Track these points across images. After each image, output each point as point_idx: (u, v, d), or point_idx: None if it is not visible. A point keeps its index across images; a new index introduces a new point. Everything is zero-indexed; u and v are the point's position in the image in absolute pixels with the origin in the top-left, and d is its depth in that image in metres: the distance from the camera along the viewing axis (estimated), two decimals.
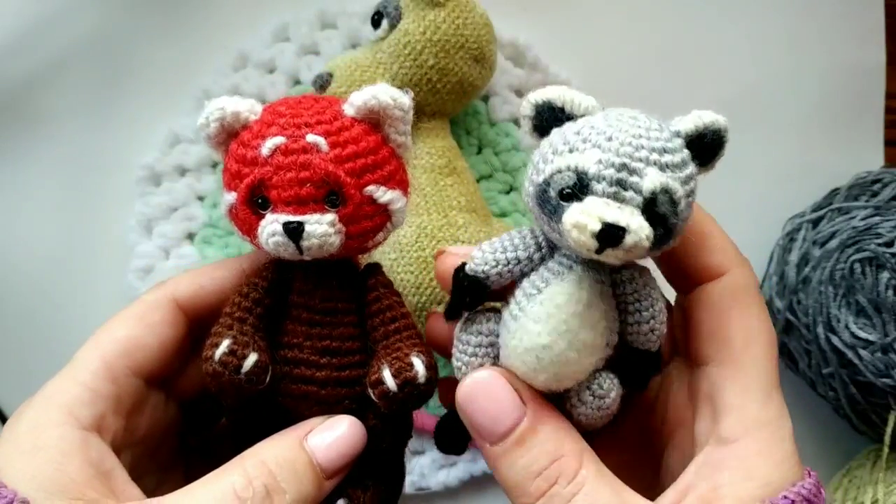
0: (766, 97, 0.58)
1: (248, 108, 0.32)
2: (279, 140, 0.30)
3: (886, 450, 0.52)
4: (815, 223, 0.55)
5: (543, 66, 0.56)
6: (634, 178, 0.27)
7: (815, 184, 0.58)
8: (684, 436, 0.33)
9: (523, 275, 0.31)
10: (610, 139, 0.28)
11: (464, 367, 0.32)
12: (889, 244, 0.51)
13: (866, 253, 0.51)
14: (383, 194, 0.31)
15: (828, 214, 0.55)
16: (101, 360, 0.31)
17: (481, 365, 0.31)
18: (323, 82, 0.49)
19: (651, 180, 0.27)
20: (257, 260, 0.34)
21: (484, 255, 0.31)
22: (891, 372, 0.49)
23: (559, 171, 0.28)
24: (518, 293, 0.30)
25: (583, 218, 0.26)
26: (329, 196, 0.30)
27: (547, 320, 0.28)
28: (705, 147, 0.30)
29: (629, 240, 0.26)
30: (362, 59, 0.50)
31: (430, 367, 0.31)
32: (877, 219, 0.52)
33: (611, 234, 0.26)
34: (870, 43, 0.58)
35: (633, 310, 0.31)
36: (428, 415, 0.56)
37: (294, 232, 0.30)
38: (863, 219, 0.53)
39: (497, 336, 0.31)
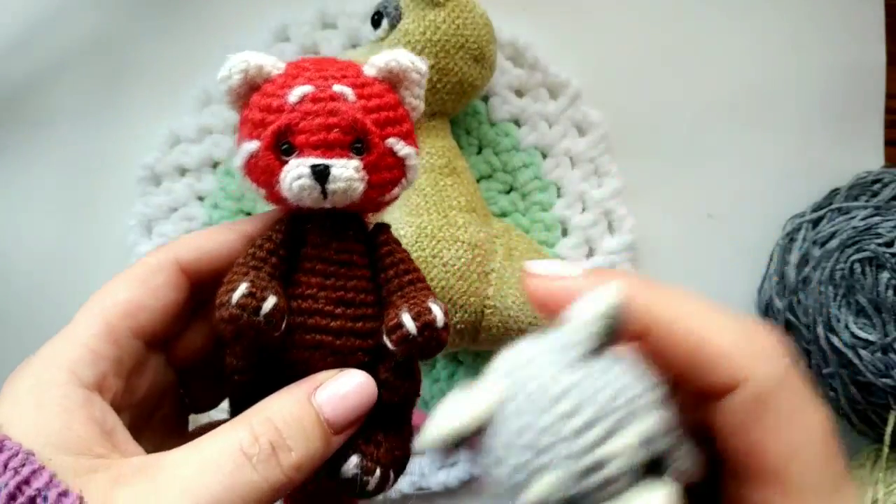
0: (766, 97, 0.58)
1: (272, 63, 0.32)
2: (307, 88, 0.31)
3: (886, 450, 0.52)
4: (815, 223, 0.55)
5: (543, 66, 0.56)
6: (608, 470, 0.21)
7: (815, 184, 0.58)
8: None
9: None
10: (551, 446, 0.21)
11: None
12: (889, 244, 0.51)
13: (866, 253, 0.51)
14: (402, 148, 0.32)
15: (828, 214, 0.55)
16: (103, 321, 0.31)
17: None
18: None
19: (626, 449, 0.21)
20: (262, 222, 0.35)
21: None
22: (891, 372, 0.49)
23: None
24: None
25: None
26: (354, 143, 0.31)
27: None
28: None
29: None
30: (362, 58, 0.50)
31: (447, 313, 0.32)
32: (877, 219, 0.52)
33: None
34: (870, 43, 0.58)
35: None
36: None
37: (321, 174, 0.30)
38: (863, 219, 0.53)
39: None
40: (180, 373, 0.36)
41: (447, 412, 0.23)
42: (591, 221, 0.57)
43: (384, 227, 0.34)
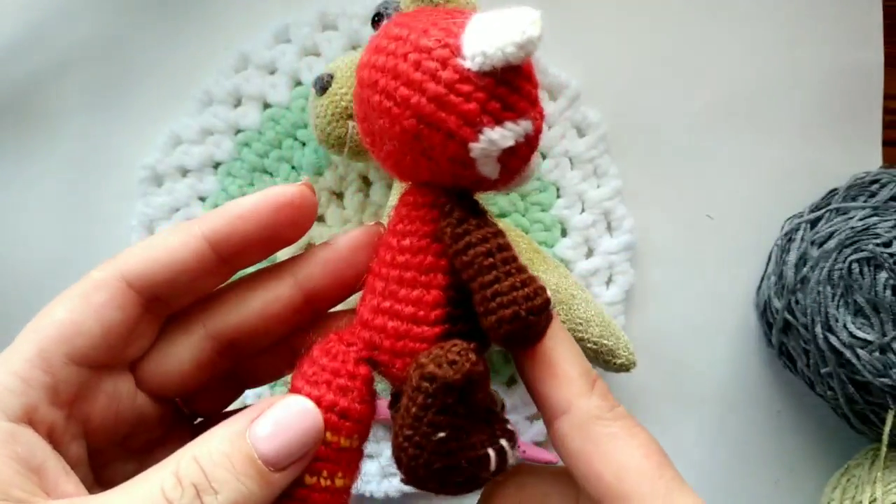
0: (765, 97, 0.59)
1: None
2: None
3: (885, 449, 0.52)
4: (814, 223, 0.55)
5: (543, 67, 0.56)
6: None
7: (813, 184, 0.58)
8: None
9: None
10: None
11: None
12: (887, 244, 0.51)
13: (864, 253, 0.51)
14: None
15: (826, 215, 0.55)
16: (36, 346, 0.29)
17: None
18: (324, 83, 0.49)
19: None
20: (222, 219, 0.31)
21: None
22: (889, 371, 0.49)
23: None
24: None
25: None
26: None
27: None
28: None
29: None
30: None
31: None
32: (875, 219, 0.52)
33: None
34: (868, 44, 0.59)
35: None
36: None
37: None
38: (861, 219, 0.53)
39: None
40: (175, 398, 0.34)
41: None
42: (591, 222, 0.57)
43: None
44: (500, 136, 0.27)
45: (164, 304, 0.32)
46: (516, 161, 0.29)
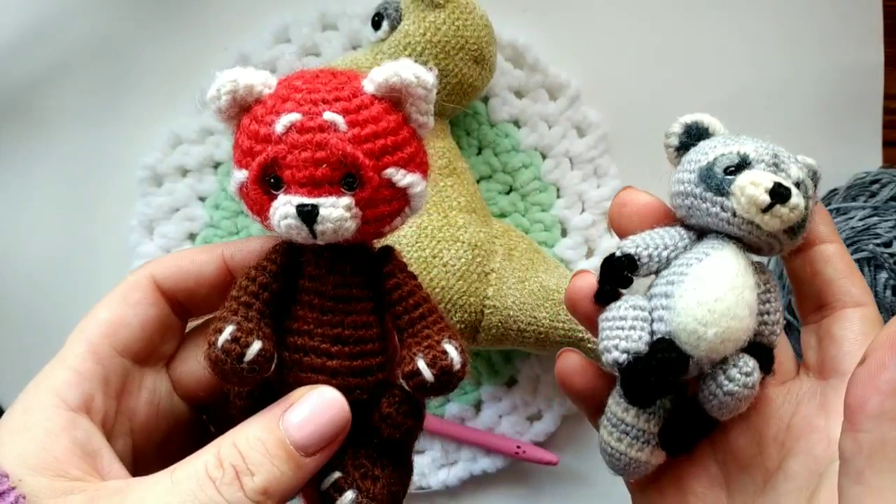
0: (765, 97, 0.59)
1: (262, 82, 0.30)
2: (294, 117, 0.29)
3: None
4: None
5: (543, 67, 0.56)
6: (784, 166, 0.33)
7: None
8: (816, 441, 0.34)
9: (670, 262, 0.34)
10: (756, 142, 0.34)
11: (620, 341, 0.33)
12: (887, 244, 0.51)
13: (864, 253, 0.51)
14: (403, 177, 0.30)
15: None
16: (85, 342, 0.32)
17: (640, 335, 0.33)
18: None
19: (796, 170, 0.33)
20: (242, 247, 0.34)
21: (635, 241, 0.35)
22: None
23: (723, 155, 0.34)
24: (671, 271, 0.33)
25: (757, 177, 0.31)
26: (345, 178, 0.29)
27: (715, 277, 0.32)
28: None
29: (794, 199, 0.31)
30: (363, 60, 0.50)
31: (463, 350, 0.31)
32: (875, 219, 0.52)
33: (780, 191, 0.31)
34: (868, 44, 0.59)
35: (764, 299, 0.34)
36: (431, 416, 0.56)
37: (308, 215, 0.29)
38: (861, 219, 0.53)
39: (649, 311, 0.33)
40: (206, 405, 0.36)
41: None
42: (591, 222, 0.57)
43: (389, 255, 0.33)
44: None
45: (187, 310, 0.35)
46: (246, 204, 0.31)
